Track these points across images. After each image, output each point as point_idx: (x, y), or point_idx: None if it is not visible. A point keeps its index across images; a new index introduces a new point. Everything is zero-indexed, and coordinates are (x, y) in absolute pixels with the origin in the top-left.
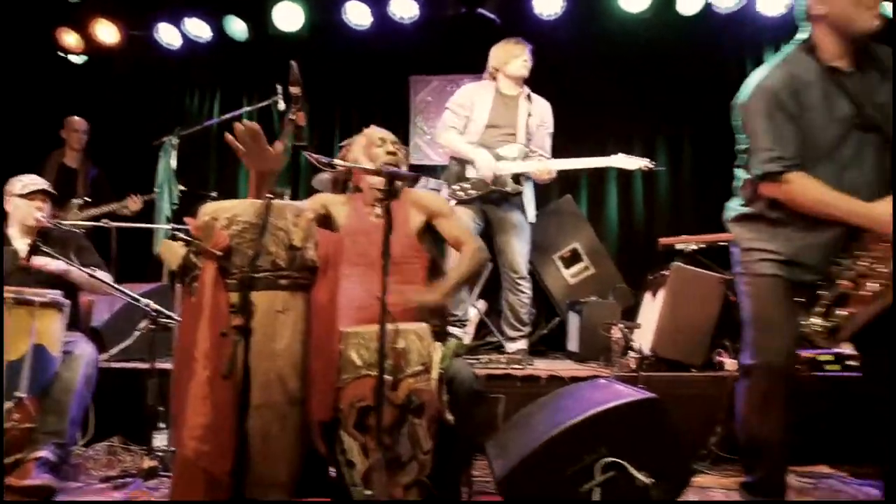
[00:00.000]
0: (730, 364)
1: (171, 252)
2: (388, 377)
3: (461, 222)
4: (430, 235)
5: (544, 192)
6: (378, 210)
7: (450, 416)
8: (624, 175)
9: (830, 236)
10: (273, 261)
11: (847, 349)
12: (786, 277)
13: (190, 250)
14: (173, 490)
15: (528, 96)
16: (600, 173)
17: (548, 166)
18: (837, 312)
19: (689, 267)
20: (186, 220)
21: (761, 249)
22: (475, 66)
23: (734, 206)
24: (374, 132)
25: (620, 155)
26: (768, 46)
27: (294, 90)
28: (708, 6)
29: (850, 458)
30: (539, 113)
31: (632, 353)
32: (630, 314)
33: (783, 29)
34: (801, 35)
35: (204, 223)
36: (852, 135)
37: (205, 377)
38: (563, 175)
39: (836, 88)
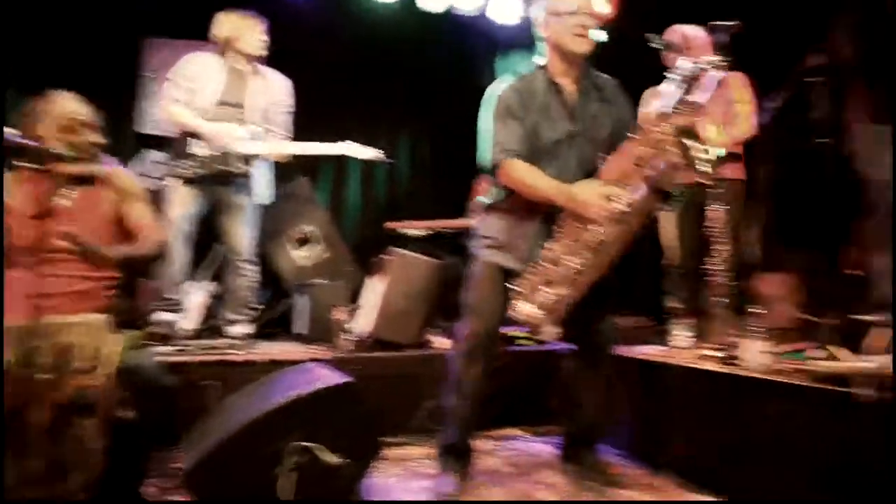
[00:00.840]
0: (439, 343)
1: None
2: (47, 376)
3: (147, 210)
4: None
5: (286, 172)
6: (65, 192)
7: (128, 413)
8: (367, 161)
9: (537, 225)
10: None
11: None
12: (499, 263)
13: None
14: None
15: (263, 73)
16: (345, 157)
17: (279, 150)
18: (545, 293)
19: (406, 252)
20: None
21: (484, 236)
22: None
23: (481, 199)
24: (71, 113)
25: (351, 143)
26: (506, 52)
27: None
28: (451, 7)
29: (532, 419)
30: (275, 91)
31: (349, 336)
32: (356, 296)
33: (521, 37)
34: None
35: None
36: (567, 140)
37: None
38: (306, 157)
39: (557, 101)
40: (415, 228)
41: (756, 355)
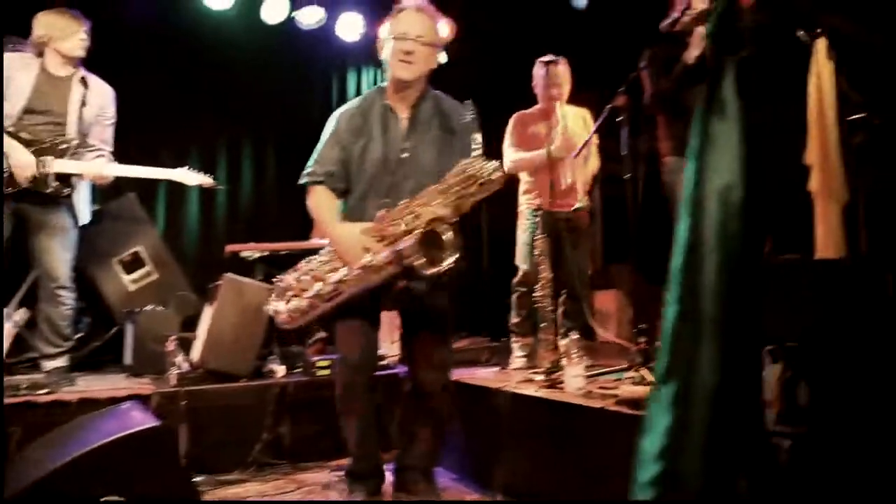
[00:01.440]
0: (280, 371)
1: None
2: None
3: None
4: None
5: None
6: None
7: None
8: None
9: None
10: None
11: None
12: None
13: None
14: None
15: (84, 79)
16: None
17: (101, 171)
18: (299, 300)
19: (239, 277)
20: None
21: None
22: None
23: None
24: None
25: (182, 169)
26: (351, 67)
27: None
28: (292, 18)
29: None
30: (97, 100)
31: (176, 368)
32: (193, 324)
33: (364, 53)
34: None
35: None
36: (396, 165)
37: None
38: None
39: (389, 125)
40: (256, 251)
41: (574, 379)
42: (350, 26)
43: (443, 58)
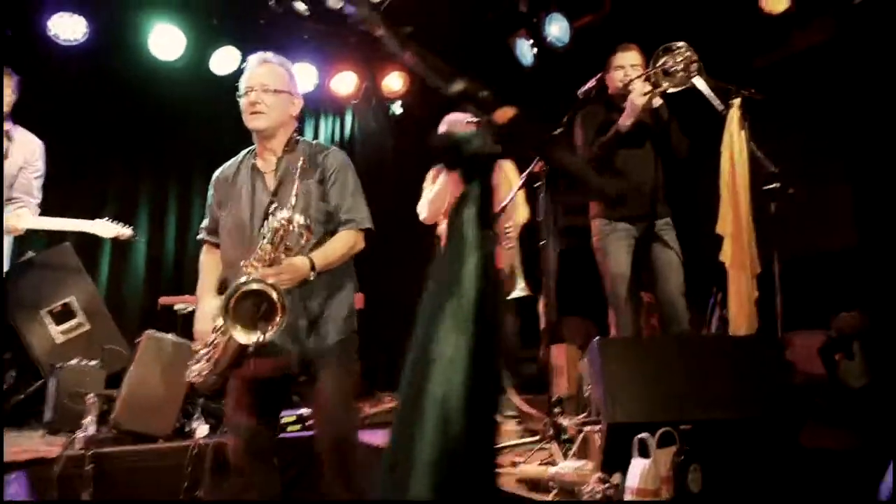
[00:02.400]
0: (203, 430)
1: None
2: None
3: None
4: None
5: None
6: None
7: None
8: (150, 226)
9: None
10: None
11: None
12: None
13: None
14: None
15: (11, 133)
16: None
17: (16, 224)
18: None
19: (160, 334)
20: None
21: None
22: None
23: None
24: None
25: (101, 221)
26: (308, 116)
27: None
28: (242, 70)
29: None
30: (22, 152)
31: (82, 430)
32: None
33: (320, 102)
34: None
35: None
36: (262, 220)
37: None
38: None
39: (254, 181)
40: (190, 304)
41: None
42: (304, 76)
43: (397, 109)
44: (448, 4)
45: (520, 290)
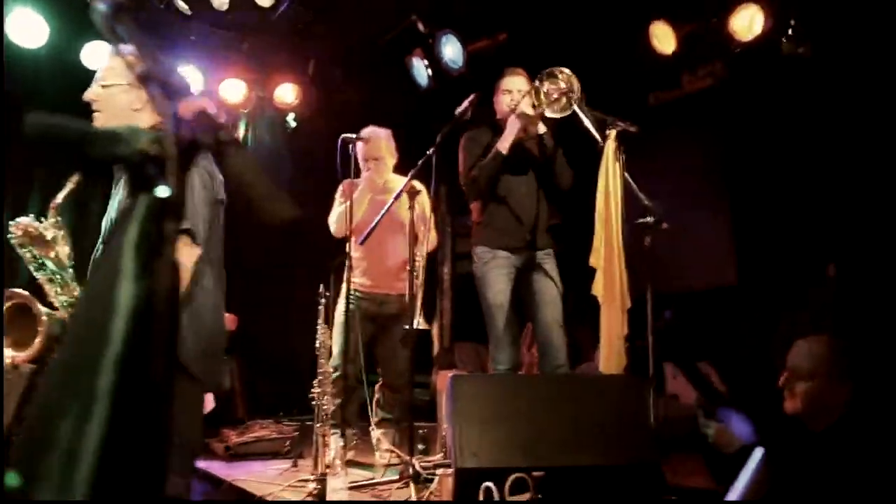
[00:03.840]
0: None
1: None
2: None
3: None
4: None
5: None
6: None
7: None
8: None
9: None
10: None
11: None
12: None
13: None
14: None
15: None
16: None
17: None
18: None
19: None
20: None
21: None
22: None
23: None
24: None
25: None
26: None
27: None
28: None
29: None
30: None
31: None
32: None
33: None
34: None
35: None
36: None
37: None
38: None
39: None
40: None
41: (335, 493)
42: (190, 80)
43: (291, 122)
44: (350, 22)
45: (417, 323)
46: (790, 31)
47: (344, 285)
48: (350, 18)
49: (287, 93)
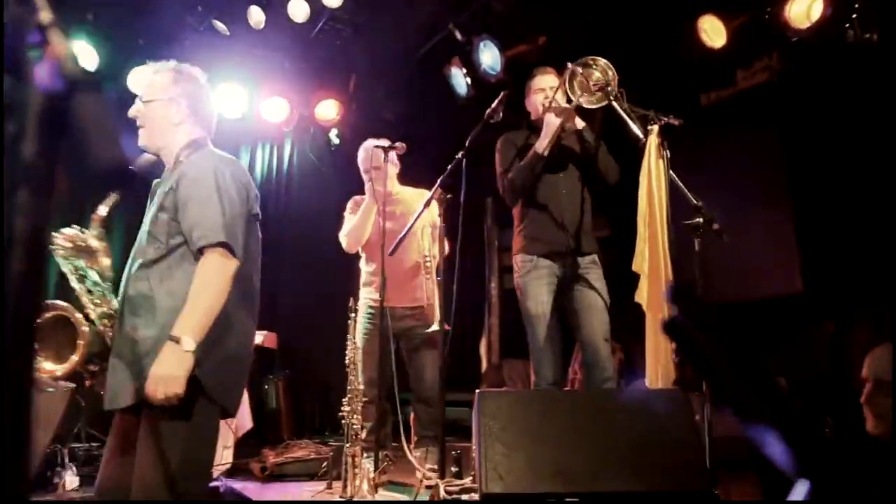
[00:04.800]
0: (72, 482)
1: None
2: None
3: None
4: None
5: None
6: None
7: None
8: None
9: None
10: None
11: None
12: None
13: None
14: None
15: None
16: None
17: None
18: None
19: None
20: None
21: None
22: None
23: None
24: None
25: None
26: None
27: None
28: None
29: None
30: None
31: None
32: None
33: (252, 131)
34: None
35: None
36: None
37: None
38: None
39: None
40: None
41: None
42: (235, 100)
43: (334, 138)
44: (388, 35)
45: (436, 324)
46: (854, 16)
47: (361, 304)
48: (388, 31)
49: (329, 109)
